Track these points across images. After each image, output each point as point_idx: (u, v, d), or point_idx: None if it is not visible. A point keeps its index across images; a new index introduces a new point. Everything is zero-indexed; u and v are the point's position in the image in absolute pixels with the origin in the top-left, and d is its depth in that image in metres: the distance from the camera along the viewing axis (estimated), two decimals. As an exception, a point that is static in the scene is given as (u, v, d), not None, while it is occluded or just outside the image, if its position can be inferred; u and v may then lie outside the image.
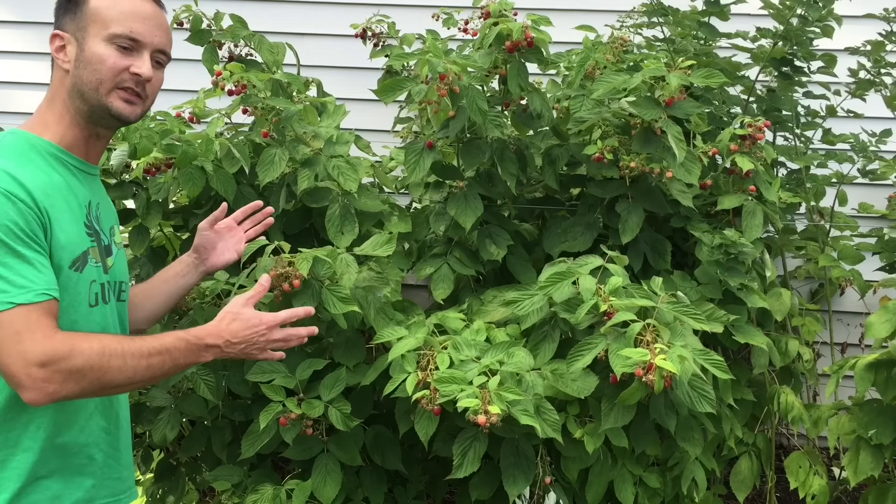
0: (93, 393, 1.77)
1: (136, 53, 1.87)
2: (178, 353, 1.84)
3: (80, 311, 1.83)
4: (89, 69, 1.84)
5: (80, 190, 1.88)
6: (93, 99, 1.85)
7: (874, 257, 3.66)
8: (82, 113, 1.88)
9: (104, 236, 1.95)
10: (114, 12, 1.85)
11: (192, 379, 2.75)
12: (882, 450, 2.89)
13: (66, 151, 1.88)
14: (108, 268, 1.93)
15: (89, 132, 1.91)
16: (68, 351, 1.68)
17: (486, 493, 2.57)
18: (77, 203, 1.86)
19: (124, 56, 1.85)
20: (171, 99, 3.13)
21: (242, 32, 3.19)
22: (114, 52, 1.84)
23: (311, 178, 2.85)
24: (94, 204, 1.93)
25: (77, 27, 1.86)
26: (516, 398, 2.23)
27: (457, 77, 2.71)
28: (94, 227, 1.91)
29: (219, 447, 2.90)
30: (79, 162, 1.91)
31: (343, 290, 2.51)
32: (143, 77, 1.87)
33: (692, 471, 2.81)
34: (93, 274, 1.86)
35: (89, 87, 1.84)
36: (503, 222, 3.14)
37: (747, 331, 2.90)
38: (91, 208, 1.91)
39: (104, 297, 1.90)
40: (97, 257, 1.88)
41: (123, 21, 1.85)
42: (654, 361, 2.15)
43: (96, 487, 1.89)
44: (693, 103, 2.85)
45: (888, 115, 3.85)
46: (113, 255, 1.97)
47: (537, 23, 2.83)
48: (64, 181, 1.85)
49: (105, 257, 1.93)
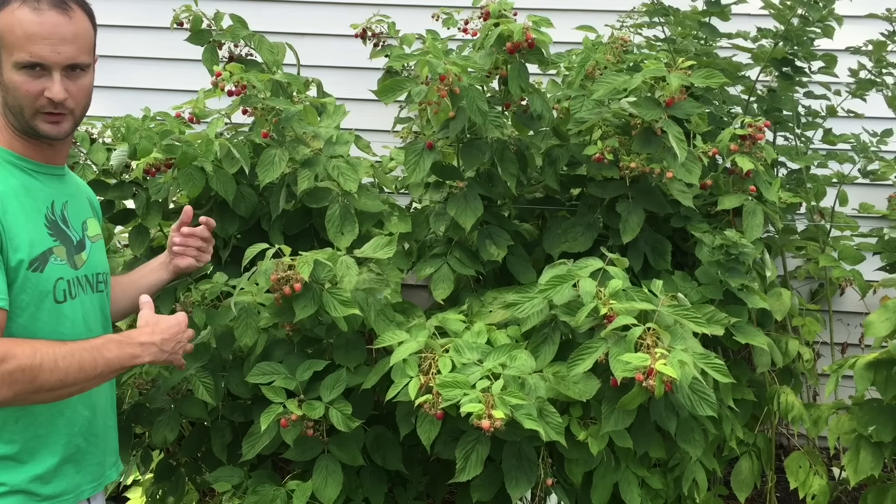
0: (27, 397, 1.79)
1: (47, 74, 1.85)
2: (110, 352, 1.89)
3: (45, 308, 1.89)
4: (10, 95, 1.86)
5: (40, 191, 1.94)
6: (21, 120, 1.88)
7: (874, 257, 3.66)
8: (20, 129, 1.91)
9: (73, 233, 2.01)
10: (13, 38, 1.82)
11: (191, 381, 2.75)
12: (882, 448, 2.89)
13: (20, 156, 1.93)
14: (83, 262, 2.02)
15: (35, 143, 1.94)
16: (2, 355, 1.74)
17: (487, 494, 2.57)
18: (35, 205, 1.91)
19: (35, 80, 1.85)
20: (171, 99, 3.14)
21: (242, 32, 3.19)
22: (24, 79, 1.84)
23: (311, 179, 2.85)
24: (60, 203, 1.99)
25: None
26: (520, 402, 2.23)
27: (457, 78, 2.71)
28: (59, 226, 1.97)
29: (219, 448, 2.90)
30: (36, 165, 1.96)
31: (344, 293, 2.51)
32: (56, 100, 1.86)
33: (693, 471, 2.82)
34: (57, 272, 1.92)
35: (16, 110, 1.87)
36: (503, 222, 3.13)
37: (748, 331, 2.90)
38: (54, 208, 1.97)
39: (71, 292, 1.96)
40: (63, 255, 1.94)
41: (24, 46, 1.82)
42: (655, 366, 2.14)
43: (81, 474, 2.00)
44: (693, 104, 2.85)
45: (888, 115, 3.85)
46: (86, 249, 2.04)
47: (538, 24, 2.82)
48: (20, 184, 1.90)
49: (75, 253, 1.99)
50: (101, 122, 3.11)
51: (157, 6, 3.01)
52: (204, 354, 2.80)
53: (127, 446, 2.96)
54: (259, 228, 3.09)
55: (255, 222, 3.10)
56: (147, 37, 4.64)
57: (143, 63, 4.69)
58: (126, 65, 4.58)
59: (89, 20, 1.95)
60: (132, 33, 4.67)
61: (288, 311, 2.55)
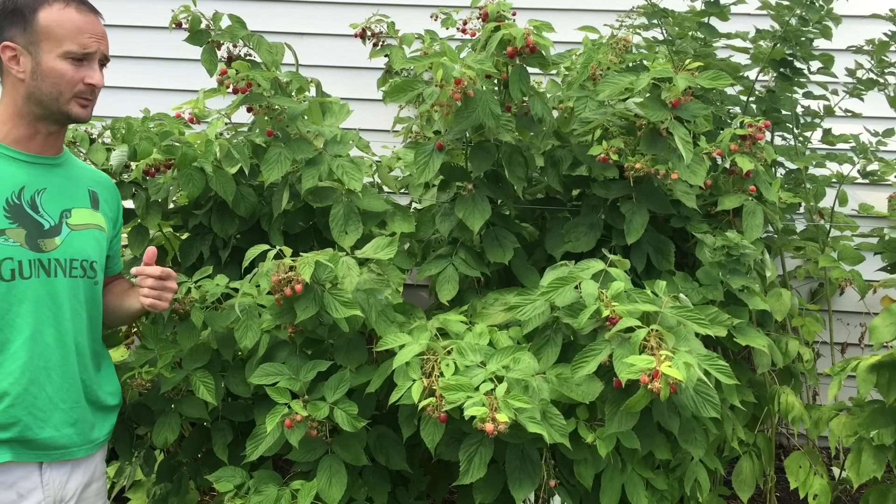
0: None
1: (87, 64, 2.16)
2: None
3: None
4: (48, 82, 2.13)
5: (10, 177, 2.14)
6: (52, 106, 2.15)
7: (875, 257, 3.66)
8: (35, 115, 2.16)
9: (44, 218, 2.18)
10: (64, 31, 2.12)
11: (191, 381, 2.74)
12: (884, 451, 2.89)
13: (2, 145, 2.15)
14: (55, 247, 2.18)
15: (36, 130, 2.18)
16: None
17: (490, 496, 2.56)
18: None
19: (78, 68, 2.14)
20: (170, 99, 3.13)
21: (241, 33, 3.17)
22: (70, 67, 2.13)
23: (315, 178, 2.85)
24: (33, 189, 2.17)
25: (29, 41, 2.11)
26: (523, 406, 2.22)
27: (472, 81, 2.70)
28: (24, 209, 2.14)
29: (220, 448, 2.89)
30: (19, 154, 2.17)
31: (345, 294, 2.50)
32: (98, 85, 2.18)
33: (695, 471, 2.82)
34: (5, 252, 2.10)
35: (49, 97, 2.14)
36: (509, 224, 3.13)
37: (748, 332, 2.90)
38: (23, 193, 2.15)
39: (24, 272, 2.12)
40: (17, 237, 2.11)
41: (75, 38, 2.13)
42: (660, 369, 2.14)
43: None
44: (700, 105, 2.85)
45: (888, 115, 3.86)
46: (61, 234, 2.20)
47: (539, 29, 2.81)
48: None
49: (42, 237, 2.16)
50: (100, 123, 3.09)
51: (156, 6, 3.00)
52: (204, 355, 2.79)
53: (128, 447, 2.96)
54: (259, 228, 3.09)
55: (254, 222, 3.09)
56: (146, 37, 4.62)
57: (142, 63, 4.67)
58: (126, 65, 4.56)
59: None
60: (132, 33, 4.65)
61: (289, 312, 2.54)
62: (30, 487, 2.15)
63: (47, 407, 2.17)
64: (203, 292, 2.71)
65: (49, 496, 2.18)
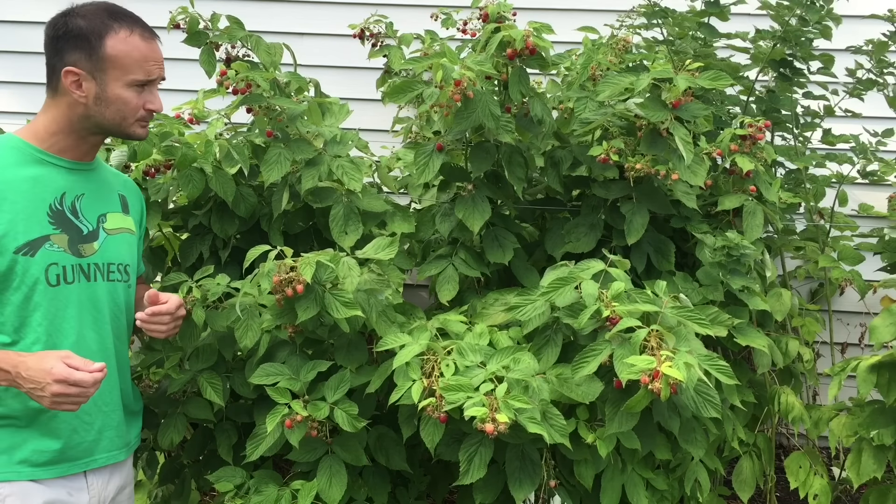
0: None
1: (148, 89, 2.21)
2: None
3: (38, 290, 2.10)
4: (112, 108, 2.16)
5: (52, 182, 2.16)
6: (114, 130, 2.21)
7: (874, 257, 3.66)
8: (90, 131, 2.20)
9: (84, 224, 2.21)
10: (130, 60, 2.16)
11: (198, 382, 2.74)
12: (884, 451, 2.89)
13: (44, 151, 2.17)
14: (94, 251, 2.21)
15: (87, 142, 2.23)
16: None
17: (490, 496, 2.56)
18: (40, 195, 2.13)
19: (140, 95, 2.19)
20: (170, 99, 3.10)
21: (239, 33, 3.17)
22: (134, 95, 2.18)
23: (315, 178, 2.85)
24: (75, 195, 2.20)
25: (95, 68, 2.13)
26: (524, 406, 2.22)
27: (472, 83, 2.70)
28: (67, 215, 2.17)
29: (225, 449, 2.89)
30: (57, 159, 2.19)
31: (346, 295, 2.50)
32: (159, 111, 2.25)
33: (695, 472, 2.82)
34: (50, 258, 2.11)
35: (112, 122, 2.18)
36: (509, 224, 3.13)
37: (749, 333, 2.90)
38: (65, 198, 2.18)
39: (67, 277, 2.14)
40: (62, 243, 2.14)
41: (142, 67, 2.18)
42: (661, 369, 2.14)
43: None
44: (700, 105, 2.84)
45: (888, 115, 3.86)
46: (99, 239, 2.24)
47: (539, 30, 2.81)
48: (30, 176, 2.13)
49: (83, 242, 2.19)
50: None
51: (153, 7, 2.99)
52: (210, 356, 2.79)
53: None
54: (259, 229, 3.09)
55: (254, 223, 3.09)
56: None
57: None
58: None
59: None
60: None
61: (290, 312, 2.54)
62: (78, 487, 2.20)
63: (93, 411, 2.20)
64: (204, 291, 2.71)
65: (94, 498, 2.24)
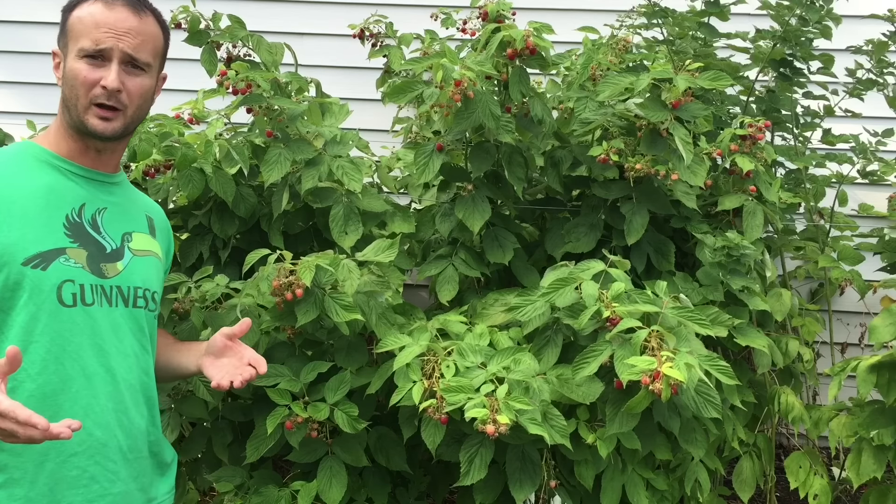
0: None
1: (106, 64, 1.85)
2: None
3: (46, 309, 1.78)
4: (68, 86, 1.87)
5: (70, 192, 1.89)
6: (74, 114, 1.87)
7: (874, 257, 3.66)
8: (72, 125, 1.89)
9: (107, 241, 1.92)
10: (82, 26, 1.85)
11: (192, 381, 2.74)
12: (884, 451, 2.89)
13: (61, 157, 1.91)
14: (117, 272, 1.91)
15: (84, 144, 1.91)
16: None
17: (490, 497, 2.56)
18: (57, 204, 1.85)
19: (94, 69, 1.85)
20: (170, 99, 3.10)
21: (240, 33, 3.17)
22: (84, 67, 1.85)
23: (315, 178, 2.85)
24: (95, 208, 1.92)
25: (63, 44, 1.89)
26: (524, 407, 2.22)
27: (472, 83, 2.70)
28: (86, 229, 1.89)
29: (220, 449, 2.89)
30: (77, 167, 1.92)
31: (346, 298, 2.49)
32: (109, 88, 1.84)
33: (695, 472, 2.82)
34: (65, 273, 1.81)
35: (71, 103, 1.87)
36: (509, 224, 3.13)
37: (749, 333, 2.90)
38: (84, 210, 1.90)
39: (85, 298, 1.84)
40: (80, 258, 1.85)
41: (89, 33, 1.84)
42: (661, 369, 2.14)
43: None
44: (700, 106, 2.84)
45: (887, 115, 3.85)
46: (123, 259, 1.94)
47: (539, 30, 2.81)
48: (46, 184, 1.86)
49: (105, 261, 1.90)
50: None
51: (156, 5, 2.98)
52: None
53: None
54: (258, 229, 3.09)
55: (254, 223, 3.09)
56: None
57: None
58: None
59: (160, 29, 1.97)
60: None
61: (289, 315, 2.54)
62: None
63: (117, 457, 1.88)
64: (203, 292, 2.71)
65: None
